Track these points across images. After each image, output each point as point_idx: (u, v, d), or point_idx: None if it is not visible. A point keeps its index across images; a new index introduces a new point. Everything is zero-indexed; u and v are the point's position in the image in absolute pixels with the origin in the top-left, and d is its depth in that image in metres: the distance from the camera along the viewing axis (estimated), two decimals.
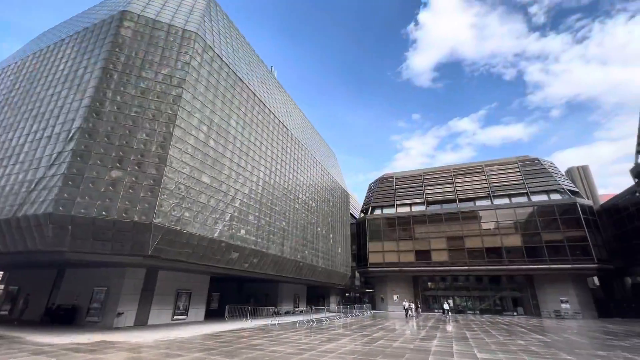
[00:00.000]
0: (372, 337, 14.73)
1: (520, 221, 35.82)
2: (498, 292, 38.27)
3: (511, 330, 19.19)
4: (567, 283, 33.59)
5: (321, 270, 30.95)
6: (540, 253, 33.79)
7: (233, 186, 18.74)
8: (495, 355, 10.44)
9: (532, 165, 39.80)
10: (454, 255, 37.33)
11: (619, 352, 11.49)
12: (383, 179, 47.94)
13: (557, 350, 11.71)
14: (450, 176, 43.08)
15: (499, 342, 13.62)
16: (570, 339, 15.50)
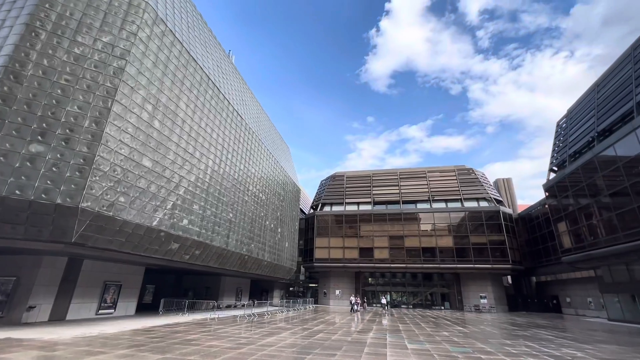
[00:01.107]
0: (313, 330, 15.05)
1: (453, 224, 39.42)
2: (429, 288, 41.76)
3: (438, 322, 21.07)
4: (487, 281, 37.94)
5: (267, 264, 30.66)
6: (468, 254, 37.62)
7: (178, 172, 17.59)
8: (422, 345, 11.37)
9: (467, 174, 43.94)
10: (394, 253, 39.71)
11: (521, 341, 13.32)
12: (335, 177, 48.97)
13: (474, 340, 13.16)
14: (397, 179, 45.61)
15: (427, 334, 14.88)
16: (486, 330, 17.54)
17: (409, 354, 9.78)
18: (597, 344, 13.08)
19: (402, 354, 9.66)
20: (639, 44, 22.44)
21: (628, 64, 22.81)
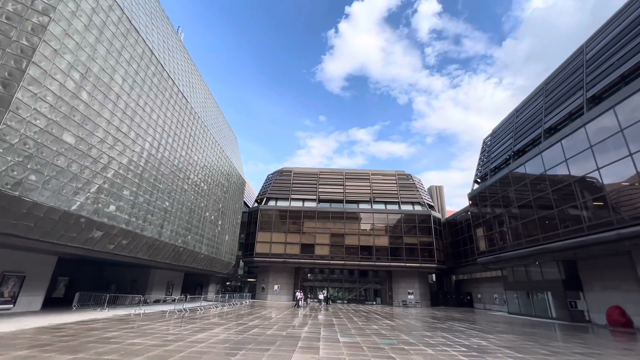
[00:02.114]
0: (248, 325, 14.82)
1: (390, 225, 42.10)
2: (364, 285, 44.02)
3: (369, 317, 22.35)
4: (415, 278, 41.36)
5: (204, 257, 29.26)
6: (400, 253, 40.55)
7: (107, 153, 15.80)
8: (354, 339, 11.98)
9: (406, 179, 47.23)
10: (334, 250, 40.97)
11: (439, 332, 14.83)
12: (282, 171, 48.65)
13: (400, 333, 14.27)
14: (342, 179, 47.06)
15: (358, 327, 15.70)
16: (410, 323, 19.13)
17: (340, 346, 10.21)
18: (498, 334, 15.17)
19: (334, 347, 10.05)
20: (549, 81, 26.39)
21: (540, 96, 26.70)
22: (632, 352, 11.33)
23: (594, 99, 19.62)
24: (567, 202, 20.59)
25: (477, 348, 10.84)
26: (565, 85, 23.38)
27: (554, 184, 21.70)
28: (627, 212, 16.41)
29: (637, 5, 18.58)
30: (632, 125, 16.11)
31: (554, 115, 23.18)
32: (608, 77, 18.71)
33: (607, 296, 21.07)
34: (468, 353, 9.87)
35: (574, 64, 23.46)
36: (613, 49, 19.28)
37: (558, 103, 23.35)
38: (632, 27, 18.39)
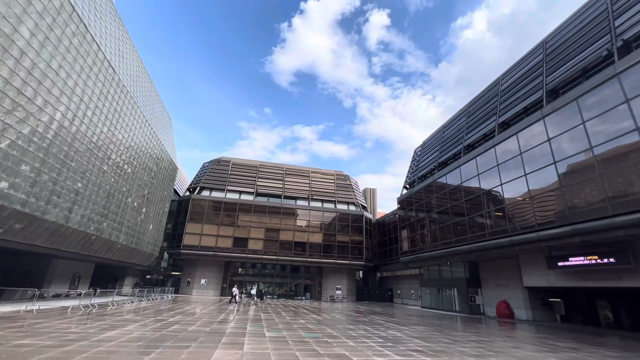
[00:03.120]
0: (168, 321, 13.84)
1: (325, 223, 43.36)
2: (295, 280, 44.60)
3: (297, 312, 22.74)
4: (344, 274, 43.36)
5: (121, 247, 26.38)
6: (333, 250, 42.07)
7: (3, 118, 13.19)
8: (280, 333, 12.07)
9: (344, 180, 49.12)
10: (268, 245, 40.60)
11: (361, 326, 15.83)
12: (220, 161, 46.40)
13: (325, 326, 14.84)
14: (283, 174, 46.85)
15: (286, 322, 15.87)
16: (336, 317, 20.01)
17: (266, 341, 10.21)
18: (411, 325, 16.81)
19: (260, 342, 10.01)
20: (472, 104, 30.03)
21: (463, 117, 30.24)
22: (512, 338, 13.62)
23: (503, 124, 22.93)
24: (476, 211, 23.74)
25: (392, 339, 11.86)
26: (483, 110, 26.84)
27: (467, 194, 24.80)
28: (518, 222, 19.61)
29: (538, 54, 22.26)
30: (528, 150, 19.27)
31: (473, 135, 26.45)
32: (515, 107, 22.06)
33: (498, 292, 24.91)
34: (384, 343, 10.74)
35: (491, 92, 27.07)
36: (520, 85, 22.79)
37: (477, 124, 26.71)
38: (533, 70, 21.97)
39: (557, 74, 19.23)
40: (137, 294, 30.02)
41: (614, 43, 15.84)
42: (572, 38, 19.41)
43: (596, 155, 15.26)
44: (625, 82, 14.34)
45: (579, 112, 16.31)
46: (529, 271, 21.81)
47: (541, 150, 18.35)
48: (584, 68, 17.48)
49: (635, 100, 13.87)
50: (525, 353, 10.14)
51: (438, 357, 8.92)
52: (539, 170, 18.36)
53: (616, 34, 15.99)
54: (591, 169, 15.45)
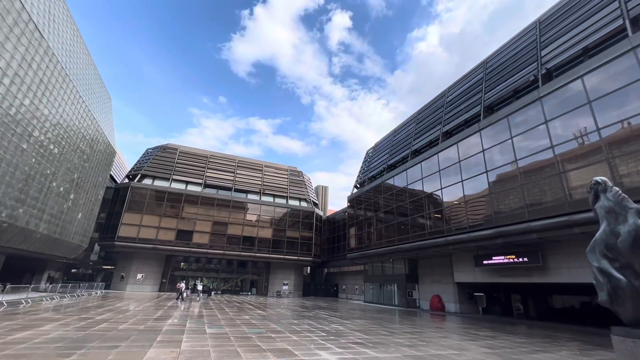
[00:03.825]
0: (95, 320, 12.62)
1: (276, 218, 43.04)
2: (242, 275, 43.63)
3: (242, 307, 22.30)
4: (291, 270, 43.56)
5: (41, 237, 23.31)
6: (282, 246, 41.96)
7: None
8: (222, 329, 11.74)
9: (297, 176, 49.17)
10: (214, 239, 39.06)
11: (305, 320, 16.09)
12: (166, 148, 43.31)
13: (269, 322, 14.79)
14: (234, 166, 45.35)
15: (229, 318, 15.47)
16: (281, 312, 20.04)
17: (206, 338, 9.86)
18: (353, 319, 17.53)
19: (199, 339, 9.63)
20: (420, 112, 32.07)
21: (412, 123, 32.19)
22: (442, 329, 14.96)
23: (447, 133, 24.90)
24: (418, 212, 25.50)
25: (335, 333, 12.26)
26: (430, 119, 28.84)
27: (412, 196, 26.50)
28: (454, 224, 21.52)
29: (479, 72, 24.57)
30: (466, 158, 21.21)
31: (420, 141, 28.29)
32: (457, 119, 24.08)
33: (432, 287, 27.11)
34: (327, 337, 11.06)
35: (438, 103, 29.18)
36: (463, 99, 24.92)
37: (424, 131, 28.61)
38: (474, 87, 24.20)
39: (494, 92, 21.42)
40: (58, 290, 26.77)
41: (539, 70, 18.11)
42: (508, 62, 21.75)
43: (519, 168, 17.36)
44: (545, 106, 16.51)
45: (509, 128, 18.38)
46: (459, 268, 24.09)
47: (476, 160, 20.33)
48: (515, 89, 19.72)
49: (553, 122, 16.05)
50: (451, 342, 11.22)
51: (376, 348, 9.45)
52: (474, 178, 20.33)
53: (542, 63, 18.30)
54: (515, 179, 17.55)
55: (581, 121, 14.81)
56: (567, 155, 15.28)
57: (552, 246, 17.68)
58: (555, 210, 15.11)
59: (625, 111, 13.31)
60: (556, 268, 17.49)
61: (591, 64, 14.74)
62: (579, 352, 10.28)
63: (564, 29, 18.01)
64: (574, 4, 18.39)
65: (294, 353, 8.26)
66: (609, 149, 13.56)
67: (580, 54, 16.45)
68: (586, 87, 14.77)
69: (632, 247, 4.87)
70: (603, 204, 5.42)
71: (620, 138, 13.40)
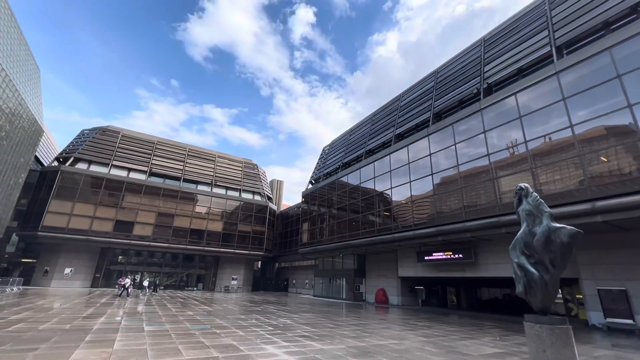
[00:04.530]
0: (8, 320, 11.09)
1: (227, 211, 41.65)
2: (188, 270, 41.53)
3: (186, 303, 21.28)
4: (241, 264, 42.63)
5: None
6: (232, 239, 40.78)
7: None
8: (162, 326, 11.10)
9: (252, 169, 48.05)
10: (158, 232, 36.62)
11: (253, 315, 15.89)
12: (106, 130, 39.34)
13: (215, 317, 14.34)
14: (184, 155, 42.82)
15: (171, 315, 14.67)
16: (228, 307, 19.53)
17: (144, 336, 9.24)
18: (301, 313, 17.74)
19: (136, 337, 9.00)
20: (376, 114, 33.29)
21: (368, 124, 33.30)
22: (385, 321, 15.82)
23: (399, 136, 26.20)
24: (369, 209, 26.53)
25: (282, 327, 12.30)
26: (385, 121, 30.07)
27: (364, 194, 27.47)
28: (400, 222, 22.81)
29: (430, 81, 26.22)
30: (414, 161, 22.55)
31: (374, 141, 29.38)
32: (409, 123, 25.45)
33: (378, 282, 28.50)
34: (274, 331, 11.05)
35: (393, 106, 30.53)
36: (415, 104, 26.39)
37: (378, 132, 29.76)
38: (426, 94, 25.76)
39: (442, 100, 23.01)
40: None
41: (482, 84, 19.88)
42: (456, 73, 23.50)
43: (460, 172, 18.94)
44: (485, 117, 18.19)
45: (453, 135, 19.92)
46: (403, 264, 25.65)
47: (424, 162, 21.73)
48: (460, 100, 21.39)
49: (490, 132, 17.76)
50: (392, 332, 11.94)
51: (322, 340, 9.69)
52: (420, 179, 21.72)
53: (484, 77, 20.09)
54: (456, 182, 19.11)
55: (513, 133, 16.60)
56: (500, 163, 17.04)
57: (483, 244, 19.66)
58: (487, 212, 16.80)
59: (547, 127, 15.22)
60: (485, 264, 19.50)
61: (523, 83, 16.57)
62: (499, 337, 11.62)
63: (504, 49, 19.96)
64: (513, 28, 20.47)
65: (239, 348, 8.13)
66: (533, 159, 15.41)
67: (516, 73, 18.39)
68: (518, 104, 16.58)
69: (544, 246, 5.60)
70: (524, 208, 6.15)
71: (543, 151, 15.30)
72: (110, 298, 22.48)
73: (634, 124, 12.23)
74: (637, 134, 12.13)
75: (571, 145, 14.01)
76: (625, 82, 12.72)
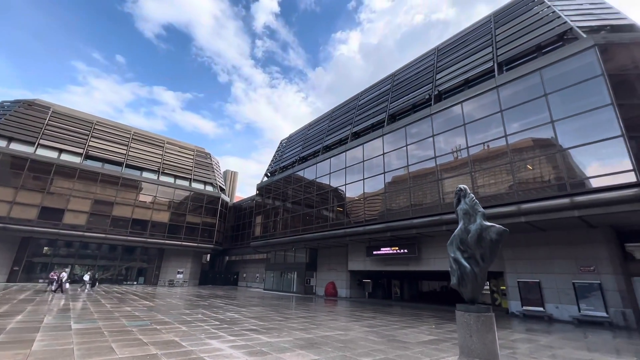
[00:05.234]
0: None
1: (175, 201, 39.29)
2: (127, 262, 38.46)
3: (124, 298, 19.75)
4: (189, 257, 40.68)
5: None
6: (180, 231, 38.63)
7: None
8: (94, 324, 10.18)
9: (204, 158, 45.83)
10: (94, 221, 33.33)
11: (199, 310, 15.30)
12: (32, 104, 34.53)
13: (156, 313, 13.52)
14: (129, 138, 39.35)
15: (105, 311, 13.51)
16: (172, 302, 18.54)
17: (70, 335, 8.39)
18: (250, 307, 17.50)
19: (60, 336, 8.13)
20: (335, 111, 33.76)
21: (327, 120, 33.67)
22: (332, 312, 16.28)
23: (356, 134, 26.89)
24: (323, 204, 26.94)
25: (229, 321, 12.03)
26: (343, 118, 30.63)
27: (319, 189, 27.79)
28: (352, 217, 23.54)
29: (387, 84, 27.32)
30: (369, 159, 23.35)
31: (332, 138, 29.80)
32: (365, 122, 26.24)
33: (329, 275, 29.18)
34: (220, 326, 10.76)
35: (351, 105, 31.21)
36: (372, 105, 27.27)
37: (336, 129, 30.24)
38: (382, 96, 26.76)
39: (397, 103, 24.08)
40: None
41: (433, 91, 21.18)
42: (411, 78, 24.72)
43: (409, 172, 20.07)
44: (434, 122, 19.44)
45: (405, 137, 21.00)
46: (353, 258, 26.56)
47: (377, 161, 22.61)
48: (414, 104, 22.58)
49: (438, 136, 19.03)
50: (339, 324, 12.34)
51: (270, 333, 9.67)
52: (373, 177, 22.58)
53: (436, 85, 21.43)
54: (405, 182, 20.21)
55: (458, 139, 18.00)
56: (445, 166, 18.38)
57: (426, 240, 21.14)
58: (431, 211, 18.07)
59: (487, 136, 16.76)
60: (427, 258, 21.00)
61: (469, 93, 18.00)
62: (435, 325, 12.65)
63: (454, 60, 21.47)
64: (463, 41, 22.10)
65: (181, 344, 7.78)
66: (473, 164, 16.89)
67: (463, 84, 19.90)
68: (463, 112, 17.99)
69: (476, 242, 6.19)
70: (462, 207, 6.72)
71: (481, 157, 16.84)
72: (32, 294, 20.00)
73: (555, 138, 14.01)
74: (557, 147, 13.93)
75: (505, 154, 15.61)
76: (550, 100, 14.49)
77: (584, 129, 13.35)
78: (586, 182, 12.98)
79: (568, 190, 13.09)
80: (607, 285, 14.05)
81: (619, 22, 15.18)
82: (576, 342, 10.04)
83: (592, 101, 13.18)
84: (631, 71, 13.27)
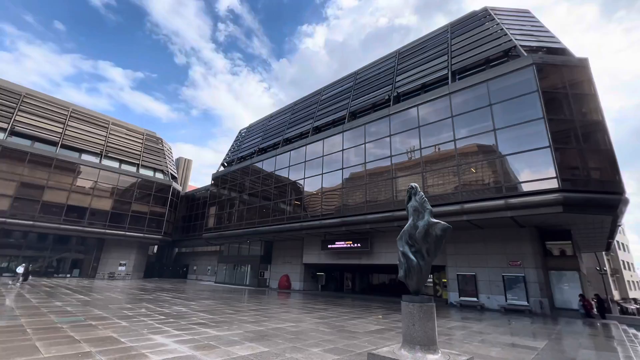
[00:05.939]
0: None
1: (120, 188, 36.25)
2: (59, 253, 34.78)
3: (54, 292, 17.86)
4: (133, 249, 37.93)
5: None
6: (124, 220, 35.77)
7: None
8: (15, 321, 9.05)
9: (155, 143, 42.80)
10: (20, 206, 29.53)
11: (143, 304, 14.38)
12: None
13: (92, 308, 12.43)
14: (66, 116, 35.27)
15: (30, 306, 12.08)
16: (111, 296, 17.17)
17: None
18: (200, 300, 16.88)
19: None
20: (297, 104, 33.52)
21: (288, 113, 33.33)
22: (285, 305, 16.34)
23: (317, 129, 27.00)
24: (281, 197, 26.75)
25: (175, 315, 11.48)
26: (304, 112, 30.55)
27: (277, 182, 27.51)
28: (310, 211, 23.72)
29: (349, 81, 27.78)
30: (328, 154, 23.64)
31: (293, 131, 29.59)
32: (327, 118, 26.47)
33: (283, 268, 29.19)
34: (165, 320, 10.23)
35: (313, 99, 31.21)
36: (334, 101, 27.56)
37: (297, 122, 30.07)
38: (344, 93, 27.17)
39: (359, 101, 24.62)
40: None
41: (392, 92, 22.00)
42: (372, 78, 25.40)
43: (366, 169, 20.72)
44: (392, 122, 20.24)
45: (364, 135, 21.59)
46: (308, 251, 26.86)
47: (336, 157, 22.98)
48: (374, 103, 23.27)
49: (394, 136, 19.86)
50: (291, 316, 12.44)
51: (219, 327, 9.43)
52: (332, 173, 22.93)
53: (395, 86, 22.28)
54: (362, 178, 20.84)
55: (412, 140, 18.95)
56: (399, 165, 19.29)
57: (378, 235, 22.08)
58: (385, 207, 18.89)
59: (438, 139, 17.88)
60: (378, 252, 21.97)
61: (424, 97, 19.02)
62: (382, 316, 13.33)
63: (413, 64, 22.48)
64: (422, 47, 23.22)
65: (120, 340, 7.26)
66: (425, 165, 17.95)
67: (420, 88, 20.95)
68: (419, 115, 18.97)
69: (423, 237, 6.59)
70: (412, 204, 7.11)
71: (432, 159, 17.94)
72: None
73: (496, 145, 15.41)
74: (497, 153, 15.34)
75: (453, 157, 16.81)
76: (494, 110, 15.87)
77: (520, 138, 14.87)
78: (519, 186, 14.51)
79: (504, 192, 14.53)
80: (529, 278, 15.95)
81: (554, 45, 17.05)
82: (502, 327, 11.27)
83: (528, 114, 14.70)
84: (560, 90, 15.00)
